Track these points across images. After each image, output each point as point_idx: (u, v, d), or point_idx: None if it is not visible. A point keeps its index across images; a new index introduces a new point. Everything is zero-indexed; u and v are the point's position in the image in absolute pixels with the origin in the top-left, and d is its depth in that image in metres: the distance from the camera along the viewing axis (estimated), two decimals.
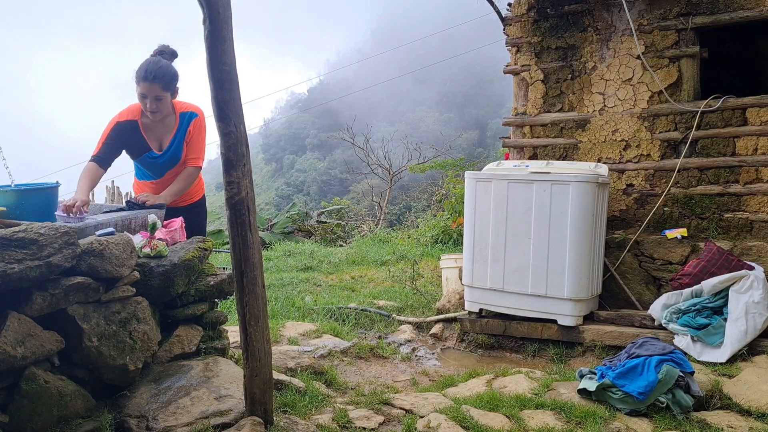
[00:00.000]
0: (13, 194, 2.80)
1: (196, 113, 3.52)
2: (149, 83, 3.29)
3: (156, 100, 3.34)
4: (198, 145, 3.53)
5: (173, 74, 3.38)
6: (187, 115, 3.50)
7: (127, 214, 3.14)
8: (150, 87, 3.30)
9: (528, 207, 4.34)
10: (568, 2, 5.09)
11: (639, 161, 4.90)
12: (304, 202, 18.93)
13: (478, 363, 4.38)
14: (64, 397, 2.31)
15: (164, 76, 3.31)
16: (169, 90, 3.38)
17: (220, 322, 3.17)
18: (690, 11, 4.65)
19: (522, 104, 5.40)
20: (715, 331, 3.81)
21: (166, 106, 3.41)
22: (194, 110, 3.53)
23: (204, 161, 3.61)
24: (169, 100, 3.41)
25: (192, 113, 3.51)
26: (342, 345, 4.30)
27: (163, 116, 3.46)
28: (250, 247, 2.48)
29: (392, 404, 3.15)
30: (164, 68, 3.34)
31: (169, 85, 3.37)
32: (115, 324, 2.51)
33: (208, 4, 2.28)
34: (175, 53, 3.49)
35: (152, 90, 3.31)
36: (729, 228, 4.59)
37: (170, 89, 3.39)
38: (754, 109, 4.47)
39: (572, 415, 3.02)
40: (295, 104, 68.92)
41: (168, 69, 3.37)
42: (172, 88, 3.39)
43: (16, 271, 2.11)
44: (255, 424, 2.47)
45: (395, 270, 6.97)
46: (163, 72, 3.32)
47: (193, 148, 3.52)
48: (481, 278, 4.59)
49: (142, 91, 3.34)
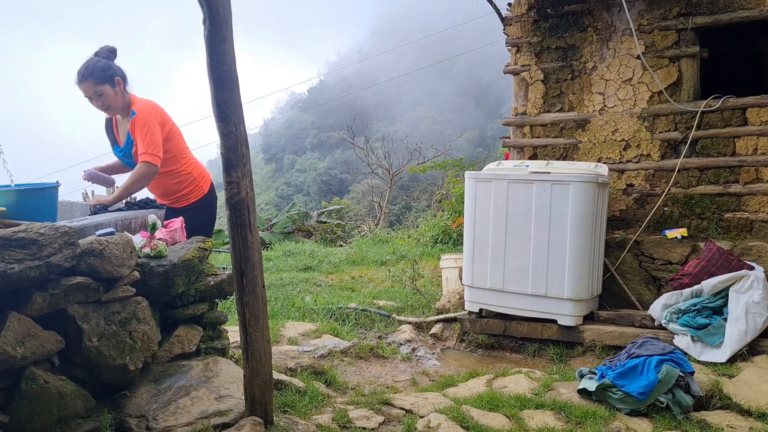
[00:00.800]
0: (13, 194, 2.80)
1: (135, 111, 3.50)
2: (82, 84, 3.38)
3: (97, 96, 3.41)
4: (142, 141, 3.43)
5: (101, 67, 3.38)
6: (132, 113, 3.52)
7: (126, 214, 3.14)
8: (85, 87, 3.39)
9: (528, 207, 4.34)
10: (568, 2, 5.09)
11: (639, 161, 4.90)
12: (304, 202, 18.94)
13: (478, 363, 4.38)
14: (64, 397, 2.31)
15: (92, 72, 3.36)
16: (104, 82, 3.38)
17: (220, 322, 3.17)
18: (690, 11, 4.65)
19: (522, 104, 5.40)
20: (715, 331, 3.81)
21: (111, 98, 3.43)
22: (136, 109, 3.50)
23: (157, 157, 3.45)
24: (111, 92, 3.41)
25: (133, 111, 3.51)
26: (342, 345, 4.30)
27: (119, 110, 3.52)
28: (250, 247, 2.48)
29: (392, 404, 3.15)
30: (91, 65, 3.38)
31: (101, 78, 3.37)
32: (115, 324, 2.51)
33: (208, 4, 2.28)
34: (113, 50, 3.51)
35: (87, 89, 3.39)
36: (729, 228, 4.59)
37: (104, 81, 3.38)
38: (754, 109, 4.47)
39: (572, 415, 3.02)
40: (295, 104, 68.94)
41: (95, 64, 3.38)
42: (105, 80, 3.38)
43: (16, 271, 2.10)
44: (255, 424, 2.47)
45: (395, 270, 6.97)
46: (90, 69, 3.36)
47: (138, 144, 3.47)
48: (481, 278, 4.58)
49: (84, 94, 3.43)
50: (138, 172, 3.45)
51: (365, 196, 22.47)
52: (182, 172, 3.72)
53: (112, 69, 3.42)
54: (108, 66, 3.41)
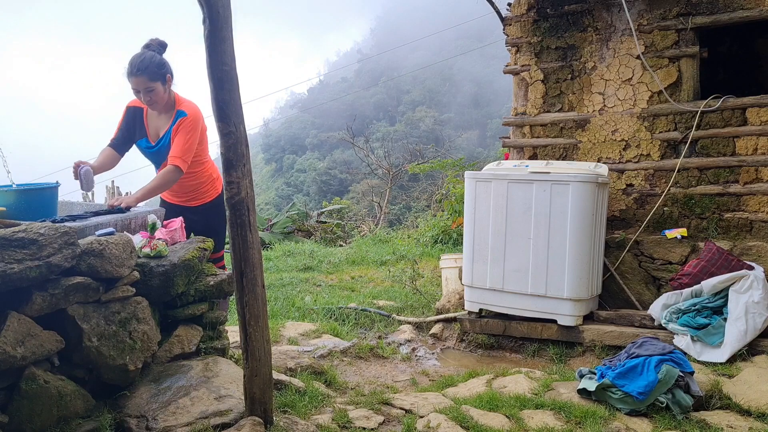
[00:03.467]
0: (13, 194, 2.80)
1: (185, 113, 3.48)
2: (135, 77, 3.34)
3: (147, 91, 3.37)
4: (180, 145, 3.43)
5: (157, 63, 3.36)
6: (179, 113, 3.50)
7: (126, 214, 3.14)
8: (137, 80, 3.35)
9: (528, 207, 4.34)
10: (567, 2, 5.09)
11: (639, 161, 4.90)
12: (304, 202, 18.94)
13: (478, 363, 4.38)
14: (64, 397, 2.31)
15: (147, 67, 3.33)
16: (157, 79, 3.37)
17: (219, 322, 3.17)
18: (690, 11, 4.65)
19: (522, 104, 5.40)
20: (715, 331, 3.81)
21: (160, 95, 3.41)
22: (186, 109, 3.49)
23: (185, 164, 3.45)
24: (161, 89, 3.40)
25: (182, 111, 3.49)
26: (342, 345, 4.31)
27: (161, 106, 3.49)
28: (250, 247, 2.48)
29: (392, 404, 3.15)
30: (146, 59, 3.35)
31: (155, 75, 3.35)
32: (115, 324, 2.51)
33: (208, 4, 2.28)
34: (164, 44, 3.48)
35: (139, 83, 3.35)
36: (729, 228, 4.59)
37: (158, 78, 3.37)
38: (753, 109, 4.47)
39: (572, 415, 3.02)
40: (294, 104, 68.97)
41: (151, 59, 3.36)
42: (159, 77, 3.37)
43: (16, 271, 2.10)
44: (255, 424, 2.47)
45: (395, 270, 6.98)
46: (146, 63, 3.33)
47: (175, 146, 3.45)
48: (480, 278, 4.59)
49: (133, 87, 3.40)
50: (166, 176, 3.41)
51: (365, 196, 22.48)
52: (204, 173, 3.72)
53: (166, 66, 3.41)
54: (163, 62, 3.40)
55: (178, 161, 3.40)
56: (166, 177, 3.41)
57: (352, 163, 27.10)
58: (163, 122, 3.55)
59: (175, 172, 3.40)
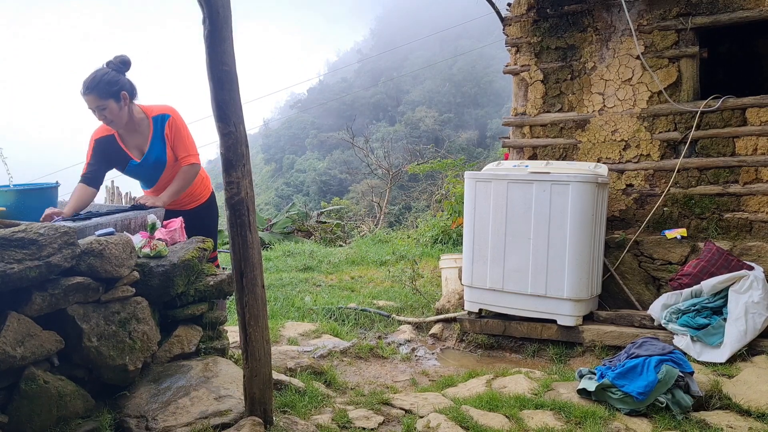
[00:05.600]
0: (13, 194, 2.80)
1: (169, 114, 3.45)
2: (85, 96, 3.25)
3: (100, 110, 3.26)
4: (184, 143, 3.44)
5: (108, 81, 3.24)
6: (160, 118, 3.44)
7: (126, 214, 3.14)
8: (87, 99, 3.25)
9: (528, 207, 4.34)
10: (567, 2, 5.10)
11: (639, 161, 4.90)
12: (304, 202, 18.94)
13: (478, 363, 4.38)
14: (64, 397, 2.30)
15: (96, 85, 3.23)
16: (109, 97, 3.25)
17: (219, 322, 3.17)
18: (690, 11, 4.65)
19: (522, 104, 5.40)
20: (715, 331, 3.81)
21: (114, 113, 3.30)
22: (166, 112, 3.45)
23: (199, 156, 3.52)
24: (114, 107, 3.28)
25: (164, 115, 3.44)
26: (342, 345, 4.31)
27: (122, 124, 3.38)
28: (249, 247, 2.48)
29: (392, 404, 3.15)
30: (97, 78, 3.24)
31: (105, 93, 3.24)
32: (114, 324, 2.51)
33: (208, 4, 2.28)
34: (126, 62, 3.35)
35: (91, 101, 3.26)
36: (729, 228, 4.59)
37: (109, 96, 3.25)
38: (753, 109, 4.47)
39: (572, 415, 3.02)
40: (294, 104, 68.96)
41: (102, 77, 3.24)
42: (110, 95, 3.26)
43: (15, 271, 2.10)
44: (255, 424, 2.47)
45: (395, 270, 6.98)
46: (96, 82, 3.23)
47: (180, 147, 3.44)
48: (480, 278, 4.59)
49: (87, 106, 3.30)
50: (187, 175, 3.43)
51: (365, 196, 22.48)
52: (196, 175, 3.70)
53: (119, 83, 3.29)
54: (115, 80, 3.28)
55: (191, 158, 3.44)
56: (186, 176, 3.44)
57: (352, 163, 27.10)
58: (141, 137, 3.46)
59: (193, 167, 3.45)
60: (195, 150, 3.49)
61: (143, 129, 3.45)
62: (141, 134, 3.46)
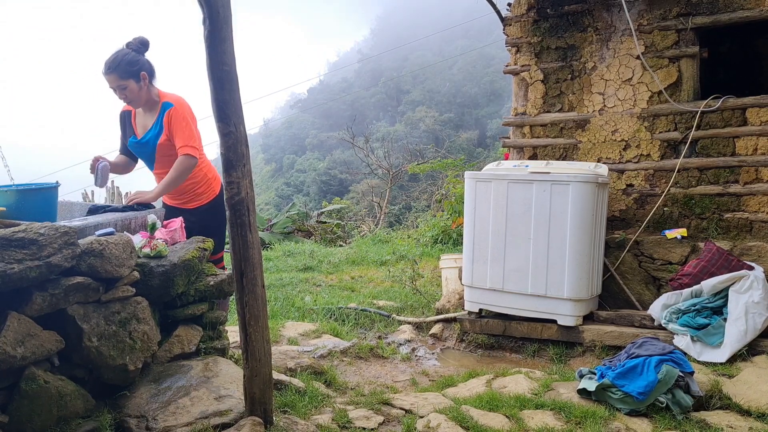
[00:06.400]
0: (13, 194, 2.80)
1: (172, 103, 3.48)
2: (106, 75, 3.37)
3: (120, 89, 3.39)
4: (182, 134, 3.44)
5: (128, 61, 3.34)
6: (165, 105, 3.49)
7: (126, 214, 3.13)
8: (108, 78, 3.37)
9: (528, 207, 4.34)
10: (568, 2, 5.10)
11: (639, 161, 4.90)
12: (304, 202, 18.94)
13: (478, 363, 4.38)
14: (64, 397, 2.31)
15: (118, 65, 3.33)
16: (129, 77, 3.35)
17: (219, 322, 3.17)
18: (690, 11, 4.65)
19: (522, 104, 5.40)
20: (715, 331, 3.81)
21: (134, 93, 3.41)
22: (171, 100, 3.49)
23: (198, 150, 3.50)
24: (135, 86, 3.39)
25: (167, 103, 3.48)
26: (342, 345, 4.30)
27: (141, 104, 3.50)
28: (250, 247, 2.48)
29: (392, 404, 3.16)
30: (118, 58, 3.34)
31: (126, 73, 3.34)
32: (114, 324, 2.51)
33: (208, 4, 2.28)
34: (145, 42, 3.45)
35: (111, 81, 3.37)
36: (729, 228, 4.59)
37: (129, 76, 3.36)
38: (753, 109, 4.47)
39: (572, 415, 3.02)
40: (295, 104, 68.98)
41: (123, 58, 3.34)
42: (130, 75, 3.36)
43: (16, 271, 2.10)
44: (255, 424, 2.47)
45: (395, 270, 6.98)
46: (117, 62, 3.33)
47: (178, 137, 3.45)
48: (480, 278, 4.59)
49: (108, 85, 3.41)
50: (181, 166, 3.43)
51: (365, 196, 22.49)
52: (198, 172, 3.67)
53: (139, 63, 3.38)
54: (135, 60, 3.37)
55: (187, 149, 3.42)
56: (180, 167, 3.43)
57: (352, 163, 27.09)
58: (149, 119, 3.57)
59: (188, 159, 3.43)
60: (194, 142, 3.46)
61: (153, 111, 3.56)
62: (150, 116, 3.57)
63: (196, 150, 3.47)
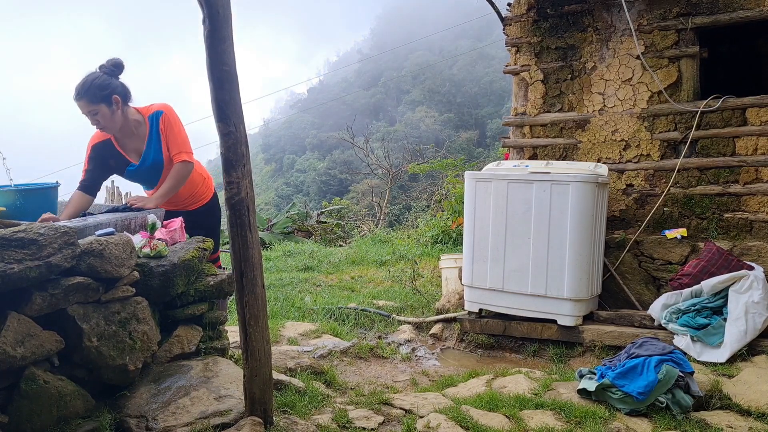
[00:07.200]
0: (13, 194, 2.80)
1: (161, 110, 3.39)
2: (76, 101, 3.20)
3: (92, 115, 3.22)
4: (176, 139, 3.37)
5: (98, 85, 3.18)
6: (155, 115, 3.39)
7: (126, 214, 3.13)
8: (79, 104, 3.20)
9: (528, 207, 4.34)
10: (567, 2, 5.09)
11: (639, 161, 4.90)
12: (304, 202, 18.92)
13: (478, 363, 4.38)
14: (64, 397, 2.30)
15: (87, 90, 3.17)
16: (100, 102, 3.19)
17: (219, 322, 3.17)
18: (690, 11, 4.65)
19: (522, 104, 5.40)
20: (715, 331, 3.81)
21: (107, 118, 3.24)
22: (159, 108, 3.40)
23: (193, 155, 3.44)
24: (107, 111, 3.22)
25: (157, 112, 3.39)
26: (342, 345, 4.30)
27: (117, 129, 3.33)
28: (249, 247, 2.48)
29: (392, 404, 3.15)
30: (87, 82, 3.18)
31: (96, 98, 3.18)
32: (114, 324, 2.51)
33: (208, 4, 2.28)
34: (118, 64, 3.29)
35: (82, 107, 3.21)
36: (729, 228, 4.59)
37: (100, 101, 3.19)
38: (753, 109, 4.47)
39: (572, 415, 3.02)
40: (294, 104, 68.99)
41: (92, 82, 3.19)
42: (101, 99, 3.19)
43: (15, 271, 2.10)
44: (255, 424, 2.47)
45: (395, 270, 6.98)
46: (86, 87, 3.18)
47: (173, 143, 3.37)
48: (480, 278, 4.59)
49: (80, 111, 3.25)
50: (178, 173, 3.35)
51: (365, 196, 22.49)
52: (197, 177, 3.65)
53: (110, 87, 3.22)
54: (107, 84, 3.21)
55: (183, 155, 3.36)
56: (178, 174, 3.37)
57: (352, 163, 27.09)
58: (138, 139, 3.41)
59: (184, 166, 3.36)
60: (188, 147, 3.41)
61: (140, 131, 3.40)
62: (138, 137, 3.41)
63: (191, 155, 3.42)
